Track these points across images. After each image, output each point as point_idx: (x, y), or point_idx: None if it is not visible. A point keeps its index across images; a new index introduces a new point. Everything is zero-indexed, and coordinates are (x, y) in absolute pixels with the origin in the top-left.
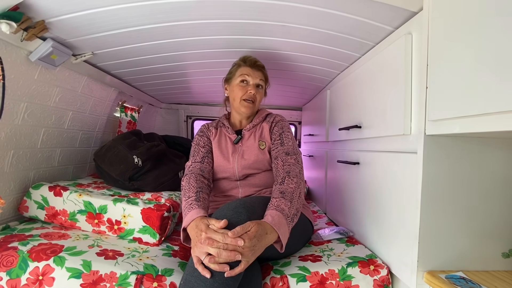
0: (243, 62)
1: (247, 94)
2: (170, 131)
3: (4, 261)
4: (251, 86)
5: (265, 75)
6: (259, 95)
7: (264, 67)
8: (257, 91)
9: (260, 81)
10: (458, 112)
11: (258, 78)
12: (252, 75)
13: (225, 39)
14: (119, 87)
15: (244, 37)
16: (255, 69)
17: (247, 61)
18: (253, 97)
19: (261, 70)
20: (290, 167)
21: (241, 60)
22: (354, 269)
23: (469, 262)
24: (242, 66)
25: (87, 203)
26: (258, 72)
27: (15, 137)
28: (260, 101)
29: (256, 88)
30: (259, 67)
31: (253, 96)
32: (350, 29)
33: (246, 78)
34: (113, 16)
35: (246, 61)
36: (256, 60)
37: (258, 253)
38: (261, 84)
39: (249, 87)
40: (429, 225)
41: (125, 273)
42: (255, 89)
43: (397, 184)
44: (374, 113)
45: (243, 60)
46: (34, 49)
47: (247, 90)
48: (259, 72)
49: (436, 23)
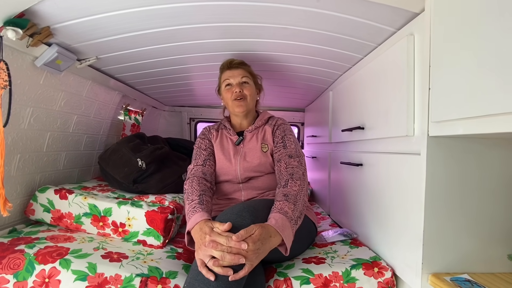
0: (222, 68)
1: (234, 94)
2: (174, 134)
3: (11, 264)
4: (235, 86)
5: (247, 70)
6: (247, 90)
7: (242, 63)
8: (244, 87)
9: (242, 78)
10: (462, 113)
11: (239, 76)
12: (232, 76)
13: (226, 42)
14: (122, 91)
15: (245, 40)
16: (233, 69)
17: (225, 66)
18: (241, 94)
19: (239, 67)
20: (293, 169)
21: (221, 67)
22: (358, 271)
23: (474, 264)
24: (223, 71)
25: (92, 206)
26: (237, 70)
27: (21, 141)
28: (252, 96)
29: (241, 85)
30: (237, 65)
31: (240, 94)
32: (352, 31)
33: (228, 81)
34: (116, 21)
35: (224, 65)
36: (232, 60)
37: (262, 256)
38: (245, 80)
39: (233, 87)
40: (434, 226)
41: (129, 275)
42: (239, 87)
43: (400, 186)
44: (377, 114)
45: (222, 66)
46: (39, 55)
47: (233, 91)
48: (238, 70)
49: (438, 24)
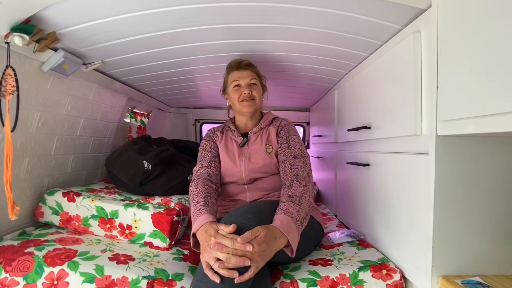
0: (230, 68)
1: (243, 96)
2: (179, 135)
3: (21, 266)
4: (244, 87)
5: (255, 72)
6: (256, 91)
7: (250, 64)
8: (253, 89)
9: (251, 80)
10: (471, 112)
11: (248, 77)
12: (242, 77)
13: (230, 43)
14: (128, 93)
15: (249, 40)
16: (242, 70)
17: (233, 66)
18: (250, 96)
19: (248, 68)
20: (298, 170)
21: (228, 67)
22: (366, 274)
23: (486, 266)
24: (231, 72)
25: (99, 208)
26: (246, 72)
27: (30, 145)
28: (260, 97)
29: (250, 87)
30: (246, 67)
31: (250, 95)
32: (356, 29)
33: (238, 82)
34: (121, 24)
35: (233, 66)
36: (241, 61)
37: (267, 258)
38: (254, 82)
39: (242, 89)
40: (443, 228)
41: (136, 277)
42: (249, 88)
43: (409, 186)
44: (383, 114)
45: (229, 66)
46: (46, 60)
47: (241, 93)
48: (247, 71)
49: (446, 20)
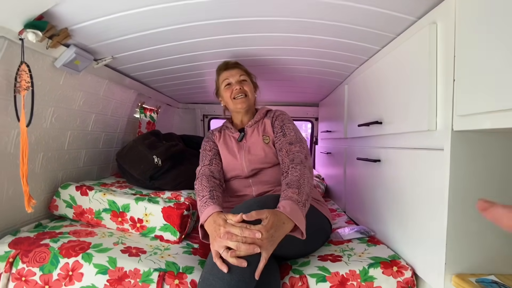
0: (219, 70)
1: (235, 92)
2: (188, 130)
3: (37, 257)
4: (235, 84)
5: (243, 70)
6: (247, 87)
7: (238, 63)
8: (243, 84)
9: (240, 77)
10: (489, 106)
11: (237, 74)
12: (231, 75)
13: (238, 37)
14: (138, 89)
15: (257, 34)
16: (230, 69)
17: (222, 67)
18: (241, 91)
19: (236, 67)
20: (294, 154)
21: (217, 69)
22: (376, 270)
23: (501, 264)
24: (221, 73)
25: (111, 202)
26: (234, 70)
27: (44, 140)
28: (252, 93)
29: (240, 83)
30: (234, 65)
31: (241, 91)
32: (368, 21)
33: (228, 80)
34: (130, 20)
35: (221, 67)
36: (228, 62)
37: (276, 243)
38: (244, 78)
39: (233, 86)
40: (458, 225)
41: (148, 270)
42: (239, 85)
43: (422, 182)
44: (396, 108)
45: (218, 69)
46: (58, 56)
47: (233, 90)
48: (236, 69)
49: (464, 11)
